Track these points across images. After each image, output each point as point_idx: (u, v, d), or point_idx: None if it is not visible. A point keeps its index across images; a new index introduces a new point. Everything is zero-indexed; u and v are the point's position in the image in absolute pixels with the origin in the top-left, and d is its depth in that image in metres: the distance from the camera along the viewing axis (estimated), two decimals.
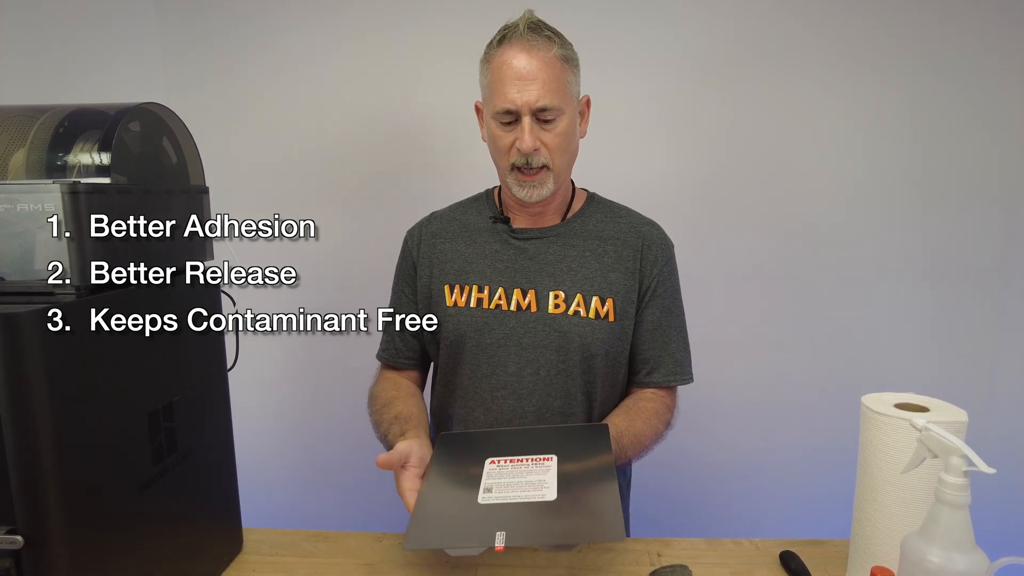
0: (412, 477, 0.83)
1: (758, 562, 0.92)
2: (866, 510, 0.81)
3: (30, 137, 0.75)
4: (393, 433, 0.94)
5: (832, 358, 1.63)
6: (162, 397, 0.79)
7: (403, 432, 0.93)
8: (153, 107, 0.83)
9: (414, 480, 0.83)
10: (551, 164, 0.97)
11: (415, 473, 0.84)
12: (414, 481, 0.83)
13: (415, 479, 0.83)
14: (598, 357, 1.01)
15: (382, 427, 0.99)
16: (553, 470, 0.82)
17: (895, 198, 1.57)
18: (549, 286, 1.01)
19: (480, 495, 0.78)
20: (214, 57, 1.60)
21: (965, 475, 0.62)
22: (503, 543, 0.68)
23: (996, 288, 1.60)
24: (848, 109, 1.54)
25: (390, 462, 0.82)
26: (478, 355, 1.02)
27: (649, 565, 0.91)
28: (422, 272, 1.08)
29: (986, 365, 1.63)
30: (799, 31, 1.52)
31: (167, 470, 0.80)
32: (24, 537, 0.62)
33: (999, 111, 1.52)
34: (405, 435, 0.91)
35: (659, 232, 1.08)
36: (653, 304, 1.04)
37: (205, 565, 0.90)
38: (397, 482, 0.83)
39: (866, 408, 0.81)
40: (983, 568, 0.61)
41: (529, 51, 0.92)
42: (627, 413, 1.01)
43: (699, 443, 1.62)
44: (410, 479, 0.83)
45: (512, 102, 0.93)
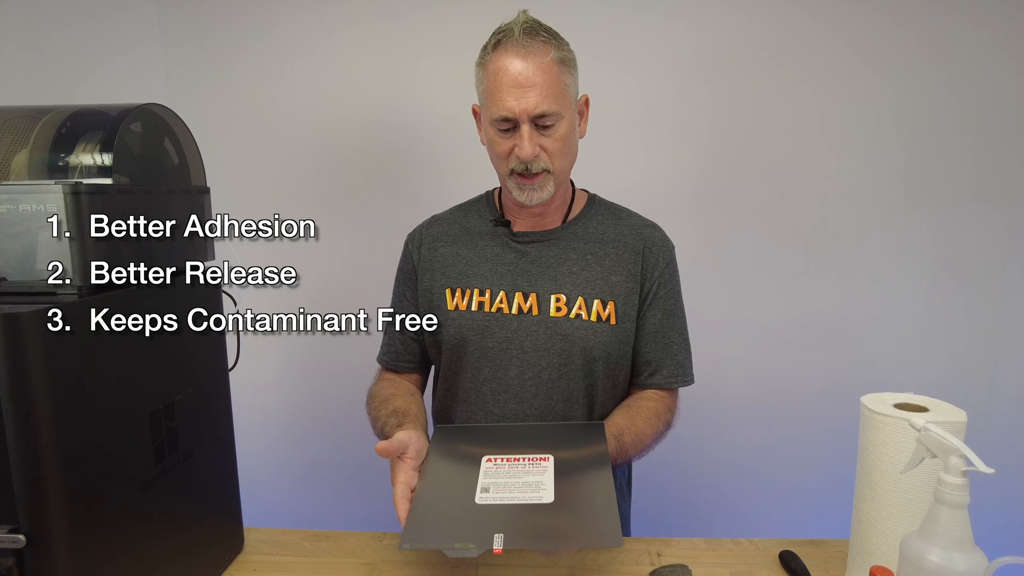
0: (407, 469, 0.82)
1: (758, 562, 0.92)
2: (865, 510, 0.81)
3: (32, 138, 0.75)
4: (390, 426, 0.94)
5: (833, 358, 1.63)
6: (163, 397, 0.79)
7: (400, 425, 0.92)
8: (154, 108, 0.83)
9: (409, 472, 0.82)
10: (551, 168, 0.96)
11: (411, 465, 0.83)
12: (409, 473, 0.82)
13: (411, 471, 0.82)
14: (600, 360, 1.01)
15: (379, 422, 0.99)
16: (550, 471, 0.82)
17: (895, 198, 1.57)
18: (551, 289, 1.01)
19: (478, 495, 0.78)
20: (215, 58, 1.60)
21: (964, 475, 0.63)
22: (501, 546, 0.68)
23: (997, 288, 1.60)
24: (848, 108, 1.54)
25: (389, 449, 0.82)
26: (480, 359, 1.02)
27: (649, 565, 0.91)
28: (423, 276, 1.07)
29: (987, 365, 1.63)
30: (799, 30, 1.52)
31: (168, 470, 0.80)
32: (26, 536, 0.62)
33: (1000, 110, 1.52)
34: (403, 427, 0.90)
35: (660, 234, 1.08)
36: (655, 306, 1.04)
37: (206, 564, 0.90)
38: (392, 472, 0.82)
39: (865, 408, 0.81)
40: (982, 568, 0.61)
41: (525, 56, 0.90)
42: (628, 412, 1.01)
43: (699, 442, 1.62)
44: (405, 470, 0.82)
45: (510, 110, 0.91)
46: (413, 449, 0.84)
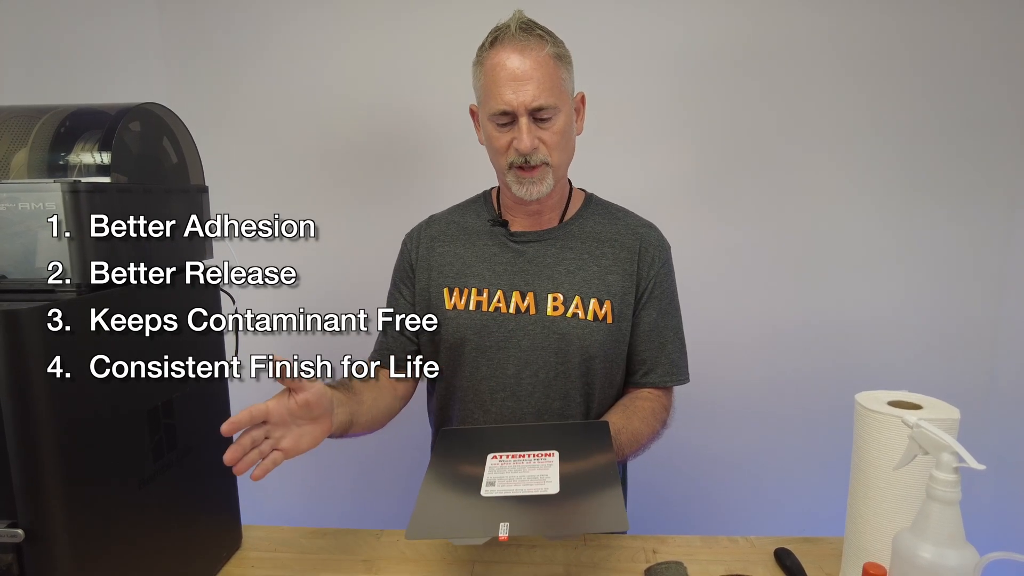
0: (283, 398, 0.77)
1: (753, 559, 0.93)
2: (859, 507, 0.82)
3: (31, 137, 0.76)
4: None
5: (829, 357, 1.64)
6: (162, 394, 0.80)
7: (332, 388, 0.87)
8: (153, 107, 0.83)
9: (281, 401, 0.76)
10: (550, 161, 0.97)
11: (288, 401, 0.77)
12: (280, 401, 0.76)
13: (283, 402, 0.77)
14: (597, 359, 1.02)
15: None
16: (555, 465, 0.83)
17: (893, 197, 1.58)
18: (548, 288, 1.02)
19: (483, 488, 0.79)
20: (215, 57, 1.61)
21: (956, 472, 0.63)
22: (507, 533, 0.69)
23: (994, 287, 1.60)
24: (847, 107, 1.54)
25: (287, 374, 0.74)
26: (477, 358, 1.03)
27: (644, 562, 0.92)
28: (420, 275, 1.08)
29: (984, 364, 1.63)
30: (798, 30, 1.52)
31: (167, 466, 0.80)
32: (25, 531, 0.63)
33: (1000, 110, 1.53)
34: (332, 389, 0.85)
35: (656, 234, 1.08)
36: (650, 305, 1.05)
37: (204, 561, 0.91)
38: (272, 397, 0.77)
39: (859, 406, 0.81)
40: (973, 564, 0.62)
41: (522, 51, 0.93)
42: (624, 411, 1.02)
43: (695, 440, 1.63)
44: (279, 397, 0.77)
45: (508, 103, 0.93)
46: (304, 396, 0.77)
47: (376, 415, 0.98)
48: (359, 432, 0.95)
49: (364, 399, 0.95)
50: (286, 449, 0.78)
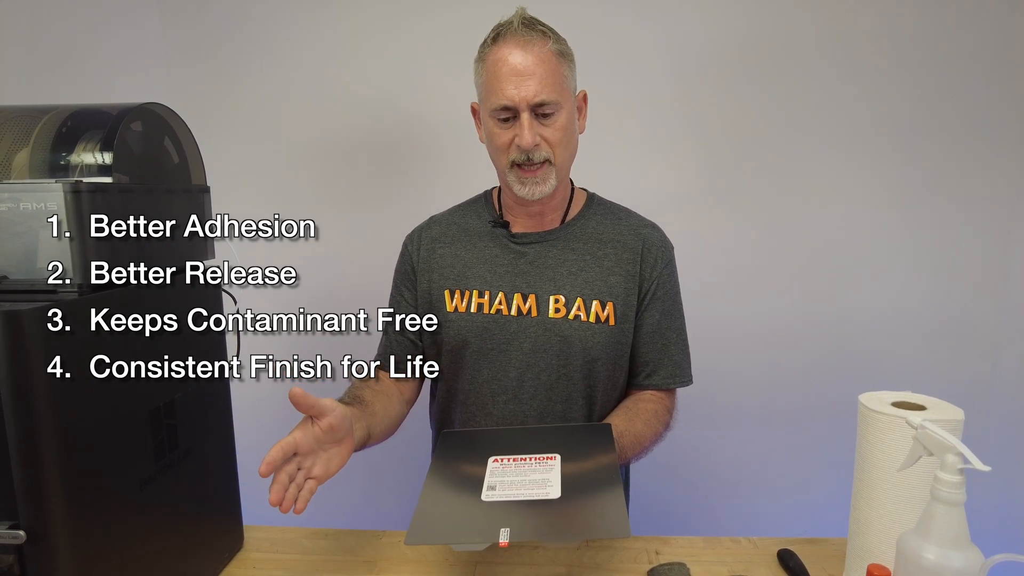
0: (307, 429, 0.77)
1: (756, 560, 0.92)
2: (863, 508, 0.81)
3: (33, 137, 0.75)
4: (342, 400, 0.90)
5: (832, 358, 1.63)
6: (163, 395, 0.79)
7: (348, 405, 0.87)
8: (155, 107, 0.83)
9: (308, 432, 0.77)
10: (553, 159, 0.96)
11: (315, 432, 0.77)
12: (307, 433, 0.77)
13: (309, 433, 0.77)
14: (599, 361, 1.01)
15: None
16: (557, 469, 0.82)
17: (895, 197, 1.57)
18: (549, 290, 1.01)
19: (484, 492, 0.78)
20: (216, 57, 1.61)
21: (960, 473, 0.63)
22: (507, 539, 0.69)
23: (997, 287, 1.60)
24: (850, 107, 1.54)
25: (304, 400, 0.75)
26: (479, 360, 1.02)
27: (647, 563, 0.91)
28: (422, 277, 1.07)
29: (987, 364, 1.63)
30: (800, 31, 1.52)
31: (169, 467, 0.80)
32: (27, 532, 0.62)
33: (1000, 110, 1.52)
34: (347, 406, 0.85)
35: (659, 234, 1.08)
36: (653, 307, 1.04)
37: (206, 561, 0.91)
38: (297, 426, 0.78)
39: (863, 406, 0.81)
40: (978, 565, 0.61)
41: (524, 47, 0.92)
42: (627, 414, 1.01)
43: (698, 441, 1.63)
44: (304, 429, 0.77)
45: (510, 98, 0.92)
46: (328, 421, 0.78)
47: (388, 424, 0.99)
48: (375, 443, 0.95)
49: (376, 410, 0.96)
50: (319, 476, 0.79)
